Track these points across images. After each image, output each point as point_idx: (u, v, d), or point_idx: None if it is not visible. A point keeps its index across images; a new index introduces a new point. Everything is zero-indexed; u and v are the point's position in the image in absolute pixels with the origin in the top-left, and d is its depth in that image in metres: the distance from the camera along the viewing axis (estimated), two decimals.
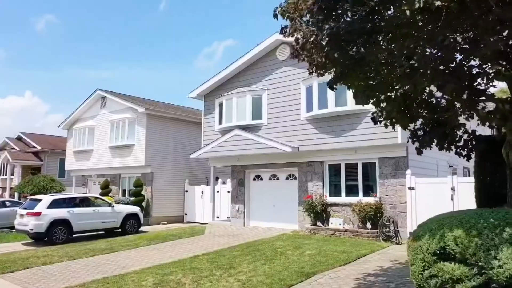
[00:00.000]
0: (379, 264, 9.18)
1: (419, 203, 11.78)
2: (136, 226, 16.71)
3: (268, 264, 9.25)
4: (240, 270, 8.77)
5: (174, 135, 21.49)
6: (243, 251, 10.89)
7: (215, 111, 17.33)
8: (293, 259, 9.62)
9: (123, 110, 21.46)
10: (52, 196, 14.95)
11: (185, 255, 10.84)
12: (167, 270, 9.00)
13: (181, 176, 21.35)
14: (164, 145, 21.01)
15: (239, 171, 16.77)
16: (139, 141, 20.54)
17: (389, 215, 12.11)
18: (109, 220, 15.79)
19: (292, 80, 14.79)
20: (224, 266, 9.14)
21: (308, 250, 10.60)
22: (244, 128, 15.66)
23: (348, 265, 9.19)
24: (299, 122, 14.43)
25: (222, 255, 10.43)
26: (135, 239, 14.00)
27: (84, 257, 11.18)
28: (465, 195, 10.95)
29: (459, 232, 4.78)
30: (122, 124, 21.41)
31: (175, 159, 21.41)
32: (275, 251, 10.59)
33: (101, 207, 15.73)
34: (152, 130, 20.57)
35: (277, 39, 15.09)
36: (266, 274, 8.33)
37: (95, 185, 23.87)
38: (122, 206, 16.72)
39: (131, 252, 11.70)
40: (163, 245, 12.81)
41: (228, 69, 16.72)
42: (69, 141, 25.08)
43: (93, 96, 23.10)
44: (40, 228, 13.78)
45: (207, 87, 17.46)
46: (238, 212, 16.54)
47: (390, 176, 12.54)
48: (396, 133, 12.07)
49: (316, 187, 14.20)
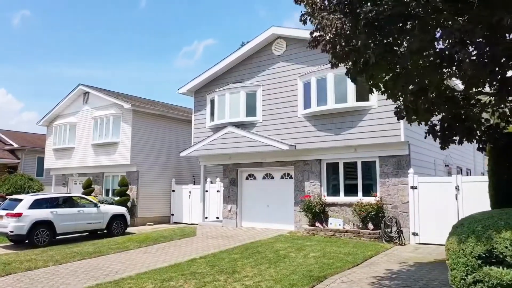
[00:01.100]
0: (388, 266, 8.80)
1: (422, 203, 11.49)
2: (123, 227, 15.90)
3: (273, 267, 8.73)
4: (244, 274, 8.23)
5: (160, 133, 20.72)
6: (242, 253, 10.34)
7: (206, 108, 16.70)
8: (298, 262, 9.13)
9: (108, 106, 20.55)
10: (34, 196, 14.01)
11: (181, 258, 10.22)
12: (166, 275, 8.37)
13: (168, 175, 20.61)
14: (151, 143, 20.22)
15: (231, 170, 16.19)
16: (124, 139, 19.67)
17: (392, 215, 11.79)
18: (95, 221, 14.95)
19: (289, 76, 14.32)
20: (227, 270, 8.58)
21: (311, 252, 10.14)
22: (238, 125, 15.10)
23: (356, 267, 8.77)
24: (296, 119, 13.97)
25: (221, 258, 9.85)
26: (123, 241, 13.24)
27: (71, 261, 10.39)
28: (470, 194, 10.75)
29: (509, 234, 4.39)
30: (106, 121, 20.49)
31: (161, 158, 20.65)
32: (277, 254, 10.08)
33: (86, 208, 14.87)
34: (138, 127, 19.75)
35: (273, 33, 14.62)
36: (274, 278, 7.82)
37: (77, 184, 22.82)
38: (108, 207, 15.88)
39: (122, 256, 10.98)
40: (155, 247, 12.13)
41: (221, 64, 16.13)
42: (48, 139, 23.91)
43: (75, 91, 22.05)
44: (21, 230, 12.85)
45: (198, 83, 16.82)
46: (230, 213, 15.96)
47: (392, 175, 12.21)
48: (399, 130, 11.79)
49: (314, 186, 13.77)
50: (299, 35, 14.00)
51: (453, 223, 10.69)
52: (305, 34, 13.84)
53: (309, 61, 13.82)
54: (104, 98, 20.63)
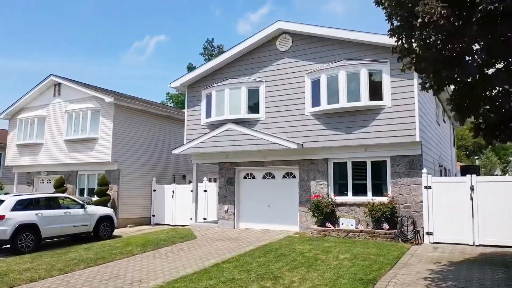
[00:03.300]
0: (426, 267, 8.66)
1: (436, 202, 11.57)
2: (110, 230, 14.72)
3: (313, 271, 8.30)
4: (289, 280, 7.72)
5: (142, 130, 19.56)
6: (266, 256, 9.80)
7: (201, 103, 15.88)
8: (335, 265, 8.76)
9: (84, 99, 19.01)
10: (17, 196, 12.50)
11: (201, 263, 9.49)
12: (203, 283, 7.65)
13: (149, 174, 19.51)
14: (132, 140, 19.00)
15: (228, 169, 15.51)
16: (104, 135, 18.29)
17: (409, 215, 11.76)
18: (82, 223, 13.68)
19: (295, 72, 13.93)
20: (266, 276, 8.02)
21: (339, 254, 9.80)
22: (238, 122, 14.48)
23: (394, 269, 8.55)
24: (303, 117, 13.61)
25: (247, 262, 9.26)
26: (121, 245, 12.16)
27: (77, 269, 9.31)
28: (485, 195, 10.95)
29: None
30: (83, 115, 18.94)
31: (143, 156, 19.51)
32: (305, 256, 9.64)
33: (72, 209, 13.55)
34: (120, 123, 18.46)
35: (279, 28, 14.16)
36: (324, 283, 7.38)
37: (44, 183, 20.96)
38: (95, 208, 14.60)
39: (131, 262, 10.01)
40: (161, 251, 11.24)
41: (219, 58, 15.44)
42: (11, 133, 21.73)
43: (45, 82, 20.19)
44: (3, 234, 11.39)
45: (192, 77, 15.96)
46: (227, 213, 15.28)
47: (404, 175, 12.21)
48: (414, 130, 11.82)
49: (320, 186, 13.48)
50: (307, 30, 13.69)
51: (468, 223, 11.00)
52: (313, 29, 13.63)
53: (318, 58, 13.53)
54: (80, 90, 19.06)
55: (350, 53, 12.98)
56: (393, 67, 12.15)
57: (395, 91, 12.18)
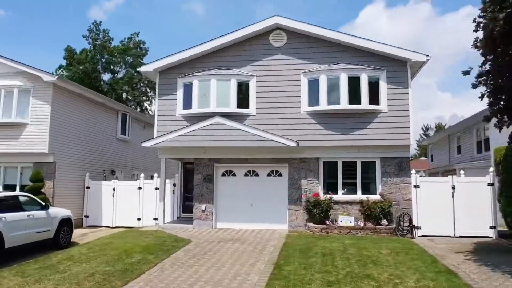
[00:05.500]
0: (458, 256, 9.66)
1: (423, 200, 12.92)
2: (69, 235, 12.28)
3: (393, 268, 8.40)
4: (380, 278, 7.76)
5: (83, 119, 16.84)
6: (317, 258, 9.47)
7: (176, 92, 14.45)
8: (398, 260, 9.10)
9: (9, 75, 15.31)
10: None
11: (269, 268, 8.73)
12: None
13: (83, 169, 16.87)
14: (72, 130, 16.18)
15: (206, 166, 14.45)
16: (37, 120, 15.05)
17: (406, 212, 12.81)
18: (44, 228, 11.07)
19: (290, 70, 13.85)
20: (356, 274, 7.89)
21: (374, 249, 10.18)
22: (227, 116, 13.67)
23: (445, 259, 9.28)
24: (298, 115, 13.63)
25: (310, 265, 8.90)
26: (119, 253, 10.23)
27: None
28: (463, 193, 12.74)
29: None
30: (6, 94, 15.25)
31: (82, 149, 16.79)
32: (349, 253, 9.71)
33: (35, 211, 10.88)
34: (59, 108, 15.47)
35: (276, 23, 13.89)
36: (416, 279, 7.67)
37: None
38: (55, 209, 11.98)
39: (154, 280, 8.58)
40: (181, 261, 9.88)
41: (201, 46, 14.24)
42: None
43: None
44: None
45: (168, 63, 14.39)
46: (205, 213, 14.21)
47: (393, 174, 13.30)
48: (408, 134, 13.00)
49: (311, 184, 13.68)
50: (303, 28, 13.78)
51: (450, 217, 12.61)
52: (310, 28, 13.81)
53: (314, 58, 13.74)
54: (4, 64, 15.31)
55: (348, 57, 13.55)
56: (390, 75, 13.19)
57: (391, 97, 13.21)
